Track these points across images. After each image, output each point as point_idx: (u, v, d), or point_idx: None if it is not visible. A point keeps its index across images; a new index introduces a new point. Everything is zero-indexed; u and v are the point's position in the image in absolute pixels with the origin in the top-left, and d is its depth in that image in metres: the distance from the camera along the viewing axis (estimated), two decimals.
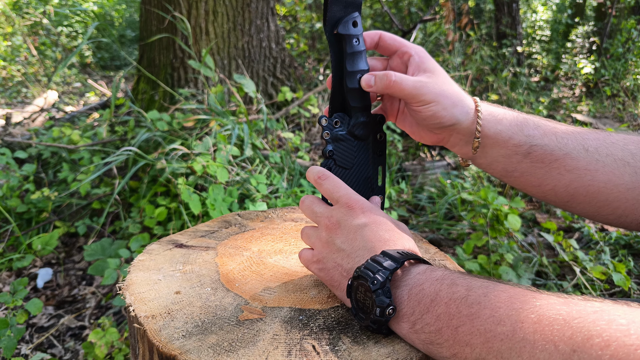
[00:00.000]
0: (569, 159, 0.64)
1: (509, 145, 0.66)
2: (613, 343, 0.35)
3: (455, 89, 0.66)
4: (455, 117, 0.65)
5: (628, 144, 0.64)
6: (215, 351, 0.51)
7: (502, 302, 0.45)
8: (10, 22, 6.12)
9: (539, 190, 0.68)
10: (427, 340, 0.49)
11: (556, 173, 0.65)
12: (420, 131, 0.71)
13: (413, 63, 0.67)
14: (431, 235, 2.03)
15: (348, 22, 0.66)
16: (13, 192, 2.03)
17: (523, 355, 0.40)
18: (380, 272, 0.51)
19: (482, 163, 0.70)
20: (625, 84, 4.73)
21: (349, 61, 0.66)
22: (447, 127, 0.67)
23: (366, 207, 0.62)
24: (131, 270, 0.68)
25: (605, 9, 6.07)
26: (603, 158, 0.63)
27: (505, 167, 0.68)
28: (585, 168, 0.64)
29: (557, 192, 0.66)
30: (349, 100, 0.68)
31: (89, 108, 3.64)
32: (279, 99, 2.71)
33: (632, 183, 0.62)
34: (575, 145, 0.64)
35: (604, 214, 0.65)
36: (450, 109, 0.65)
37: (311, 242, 0.64)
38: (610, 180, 0.63)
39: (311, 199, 0.67)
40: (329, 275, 0.60)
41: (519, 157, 0.66)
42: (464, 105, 0.66)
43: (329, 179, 0.65)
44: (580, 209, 0.67)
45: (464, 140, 0.68)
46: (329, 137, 0.68)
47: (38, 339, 1.50)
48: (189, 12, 2.69)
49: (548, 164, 0.65)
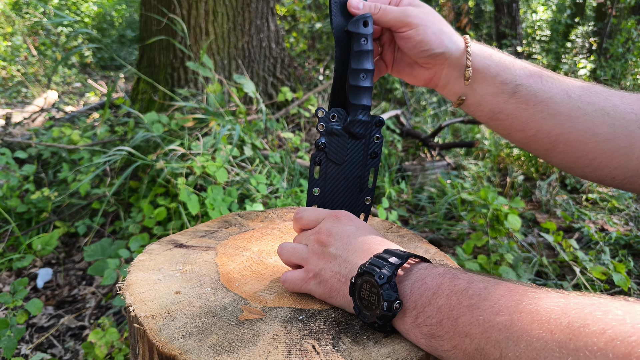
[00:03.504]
0: (552, 103, 0.65)
1: (496, 82, 0.67)
2: (608, 331, 0.35)
3: (443, 20, 0.68)
4: (444, 45, 0.67)
5: (611, 95, 0.65)
6: (215, 351, 0.51)
7: (502, 294, 0.45)
8: (10, 22, 6.12)
9: (522, 135, 0.69)
10: (429, 333, 0.49)
11: (539, 117, 0.66)
12: (414, 70, 0.72)
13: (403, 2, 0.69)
14: (431, 235, 2.03)
15: (359, 21, 0.66)
16: (13, 192, 2.03)
17: (520, 344, 0.40)
18: (387, 267, 0.52)
19: (471, 103, 0.71)
20: (625, 84, 4.73)
21: (355, 59, 0.66)
22: (438, 57, 0.68)
23: (351, 215, 0.64)
24: (131, 270, 0.68)
25: (605, 9, 6.07)
26: (585, 106, 0.64)
27: (492, 108, 0.69)
28: (567, 114, 0.65)
29: (539, 138, 0.67)
30: (349, 97, 0.68)
31: (89, 108, 3.64)
32: (279, 99, 2.71)
33: (609, 134, 0.63)
34: (559, 90, 0.65)
35: (581, 165, 0.66)
36: (438, 35, 0.67)
37: (301, 259, 0.62)
38: (589, 129, 0.64)
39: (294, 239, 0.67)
40: (327, 287, 0.59)
41: (505, 97, 0.67)
42: (452, 35, 0.68)
43: (305, 210, 0.67)
44: (560, 159, 0.68)
45: (455, 75, 0.70)
46: (324, 129, 0.68)
47: (38, 339, 1.50)
48: (189, 12, 2.69)
49: (532, 106, 0.66)
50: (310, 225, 0.65)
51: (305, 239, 0.64)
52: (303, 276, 0.61)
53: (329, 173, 0.70)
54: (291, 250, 0.64)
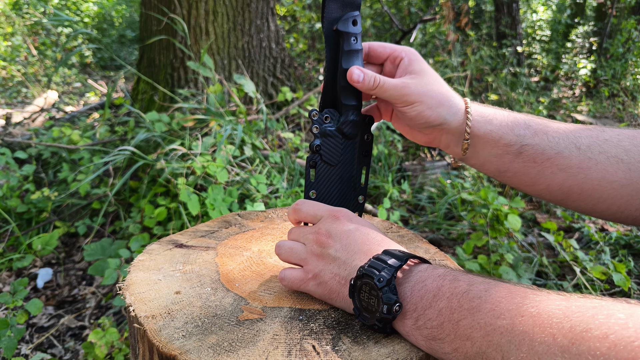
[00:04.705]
0: (561, 158, 0.64)
1: (500, 144, 0.66)
2: (611, 335, 0.35)
3: (442, 89, 0.67)
4: (442, 117, 0.66)
5: (622, 140, 0.64)
6: (215, 351, 0.51)
7: (503, 297, 0.45)
8: (10, 22, 6.12)
9: (533, 189, 0.68)
10: (430, 336, 0.49)
11: (549, 172, 0.65)
12: (413, 131, 0.72)
13: (402, 66, 0.68)
14: (431, 235, 2.03)
15: (348, 20, 0.65)
16: (13, 192, 2.03)
17: (522, 348, 0.40)
18: (386, 270, 0.51)
19: (475, 163, 0.70)
20: (625, 84, 4.73)
21: (345, 59, 0.66)
22: (436, 127, 0.67)
23: (349, 214, 0.63)
24: (131, 270, 0.68)
25: (605, 9, 6.07)
26: (596, 156, 0.63)
27: (498, 167, 0.68)
28: (578, 166, 0.64)
29: (551, 190, 0.66)
30: (340, 97, 0.68)
31: (89, 108, 3.64)
32: (279, 99, 2.71)
33: (626, 180, 0.62)
34: (567, 143, 0.64)
35: (600, 210, 0.65)
36: (435, 109, 0.65)
37: (300, 259, 0.62)
38: (604, 178, 0.63)
39: (294, 228, 0.67)
40: (327, 288, 0.59)
41: (511, 157, 0.66)
42: (452, 105, 0.66)
43: (305, 203, 0.66)
44: (576, 206, 0.67)
45: (455, 141, 0.69)
46: (318, 131, 0.68)
47: (38, 339, 1.50)
48: (189, 12, 2.69)
49: (540, 163, 0.65)
50: (308, 219, 0.65)
51: (303, 237, 0.63)
52: (302, 276, 0.61)
53: (323, 175, 0.70)
54: (289, 251, 0.63)
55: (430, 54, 4.59)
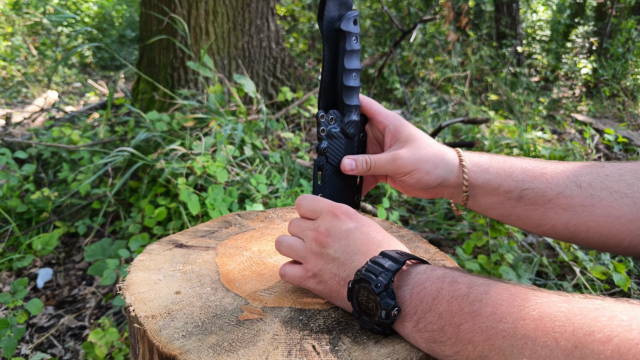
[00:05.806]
0: (563, 198, 0.64)
1: (500, 192, 0.67)
2: (614, 338, 0.35)
3: (433, 150, 0.68)
4: (441, 177, 0.67)
5: (623, 174, 0.63)
6: (215, 351, 0.51)
7: (504, 300, 0.44)
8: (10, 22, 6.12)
9: (539, 230, 0.68)
10: (430, 339, 0.49)
11: (552, 213, 0.65)
12: (413, 191, 0.73)
13: (389, 134, 0.69)
14: (431, 235, 2.03)
15: (350, 20, 0.65)
16: (13, 192, 2.03)
17: (525, 352, 0.40)
18: (383, 274, 0.51)
19: (478, 210, 0.71)
20: (625, 84, 4.73)
21: (347, 59, 0.66)
22: (436, 186, 0.69)
23: (350, 211, 0.63)
24: (131, 270, 0.68)
25: (605, 9, 6.07)
26: (598, 192, 0.62)
27: (501, 213, 0.69)
28: (581, 204, 0.63)
29: (557, 230, 0.66)
30: (343, 97, 0.68)
31: (89, 108, 3.64)
32: (279, 99, 2.71)
33: (633, 214, 0.60)
34: (567, 183, 0.64)
35: (611, 246, 0.64)
36: (433, 172, 0.67)
37: (299, 256, 0.62)
38: (610, 214, 0.61)
39: (295, 220, 0.67)
40: (327, 288, 0.59)
41: (512, 202, 0.67)
42: (447, 163, 0.67)
43: (305, 198, 0.66)
44: (585, 243, 0.66)
45: (457, 193, 0.70)
46: (325, 133, 0.68)
47: (38, 339, 1.50)
48: (189, 12, 2.69)
49: (542, 205, 0.65)
50: (308, 215, 0.65)
51: (303, 233, 0.63)
52: (302, 274, 0.61)
53: (329, 176, 0.71)
54: (289, 248, 0.63)
55: (430, 54, 4.59)
